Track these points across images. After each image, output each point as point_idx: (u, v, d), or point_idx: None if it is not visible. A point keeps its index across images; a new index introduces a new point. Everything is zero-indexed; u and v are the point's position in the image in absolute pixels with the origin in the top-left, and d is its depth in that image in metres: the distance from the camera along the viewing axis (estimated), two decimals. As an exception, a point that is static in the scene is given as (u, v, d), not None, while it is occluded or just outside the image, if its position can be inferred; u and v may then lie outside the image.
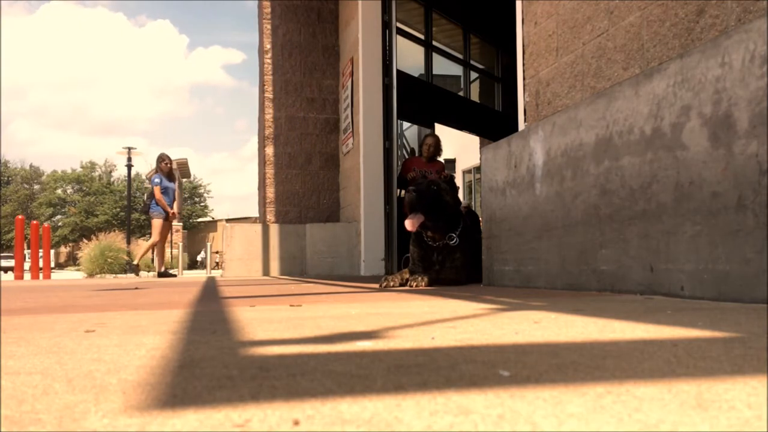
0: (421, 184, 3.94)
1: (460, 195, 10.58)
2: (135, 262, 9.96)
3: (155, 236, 9.27)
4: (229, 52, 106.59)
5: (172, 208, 9.30)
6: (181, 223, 34.22)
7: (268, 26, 8.60)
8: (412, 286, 3.64)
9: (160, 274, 9.24)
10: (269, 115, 8.55)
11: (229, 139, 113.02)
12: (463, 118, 9.20)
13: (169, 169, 9.45)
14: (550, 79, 3.43)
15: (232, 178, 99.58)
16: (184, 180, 39.76)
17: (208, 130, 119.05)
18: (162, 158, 9.49)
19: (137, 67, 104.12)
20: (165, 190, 9.26)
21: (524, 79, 3.74)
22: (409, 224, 3.80)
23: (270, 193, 8.51)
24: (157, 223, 9.22)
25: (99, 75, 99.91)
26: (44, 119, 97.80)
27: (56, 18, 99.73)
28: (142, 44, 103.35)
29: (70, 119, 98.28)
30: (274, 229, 8.18)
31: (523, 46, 3.75)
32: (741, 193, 1.81)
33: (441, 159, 7.18)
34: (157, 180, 9.33)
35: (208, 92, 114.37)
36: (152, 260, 20.99)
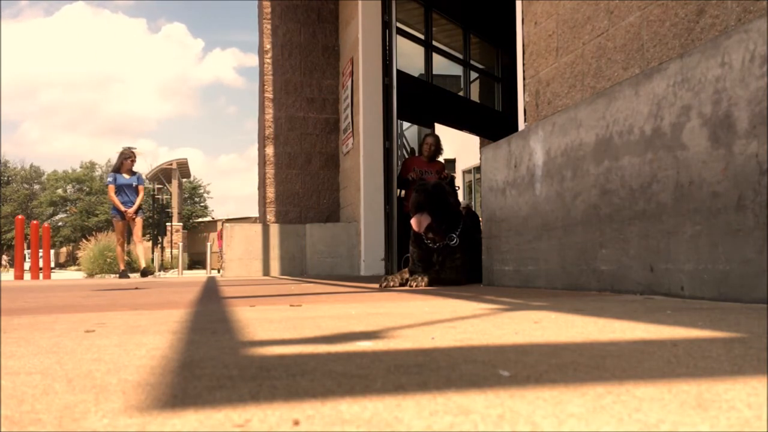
0: (426, 185, 3.94)
1: (460, 195, 10.54)
2: (144, 267, 9.41)
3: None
4: (247, 56, 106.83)
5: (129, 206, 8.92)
6: (181, 223, 34.22)
7: (268, 26, 8.60)
8: (412, 286, 3.64)
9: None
10: (269, 115, 8.54)
11: (237, 140, 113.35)
12: (463, 118, 9.20)
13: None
14: (550, 79, 3.43)
15: (240, 178, 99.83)
16: (184, 180, 39.77)
17: (218, 132, 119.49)
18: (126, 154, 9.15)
19: (151, 68, 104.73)
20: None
21: (524, 79, 3.74)
22: (415, 224, 3.80)
23: (270, 193, 8.51)
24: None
25: (112, 77, 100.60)
26: (54, 119, 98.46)
27: (73, 21, 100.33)
28: (157, 47, 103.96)
29: (80, 119, 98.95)
30: (274, 229, 8.18)
31: (523, 46, 3.75)
32: (741, 193, 1.81)
33: (441, 159, 7.18)
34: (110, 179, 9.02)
35: (220, 93, 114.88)
36: (152, 260, 20.98)
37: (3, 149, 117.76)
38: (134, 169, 9.16)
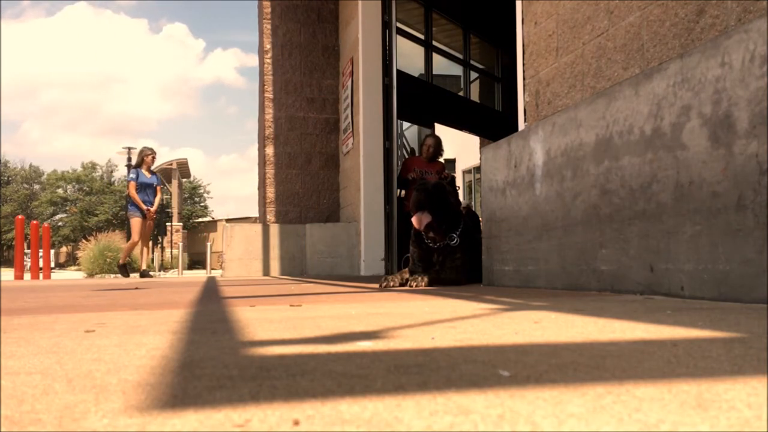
0: (427, 184, 3.94)
1: (460, 195, 10.56)
2: (143, 269, 9.23)
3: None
4: (249, 56, 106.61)
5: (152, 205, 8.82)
6: (181, 223, 34.23)
7: (268, 26, 8.60)
8: (412, 286, 3.64)
9: (142, 274, 8.96)
10: (269, 115, 8.54)
11: (238, 140, 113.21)
12: (463, 118, 9.20)
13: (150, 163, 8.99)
14: (550, 79, 3.43)
15: (240, 178, 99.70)
16: (184, 180, 39.79)
17: (218, 132, 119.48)
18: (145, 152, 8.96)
19: (152, 68, 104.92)
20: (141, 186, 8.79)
21: (524, 79, 3.74)
22: (416, 222, 3.81)
23: (270, 193, 8.51)
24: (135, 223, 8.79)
25: (113, 77, 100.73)
26: (55, 120, 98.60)
27: (74, 21, 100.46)
28: (158, 47, 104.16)
29: (80, 119, 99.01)
30: (274, 229, 8.18)
31: (523, 46, 3.75)
32: (741, 193, 1.81)
33: (441, 159, 7.18)
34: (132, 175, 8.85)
35: (221, 93, 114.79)
36: (152, 260, 21.00)
37: (3, 149, 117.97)
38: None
